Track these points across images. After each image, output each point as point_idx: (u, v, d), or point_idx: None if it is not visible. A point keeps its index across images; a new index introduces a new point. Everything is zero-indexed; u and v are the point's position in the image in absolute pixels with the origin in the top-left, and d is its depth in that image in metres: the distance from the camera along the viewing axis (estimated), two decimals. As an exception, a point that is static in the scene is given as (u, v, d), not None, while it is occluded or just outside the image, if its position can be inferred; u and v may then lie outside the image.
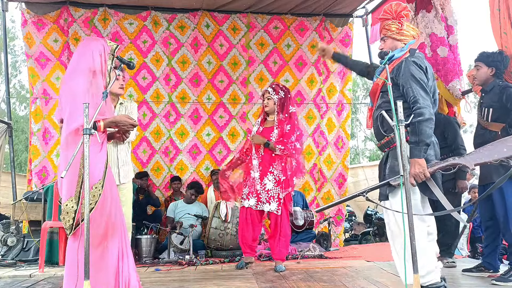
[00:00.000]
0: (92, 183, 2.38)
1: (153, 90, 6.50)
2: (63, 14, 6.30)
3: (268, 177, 4.13)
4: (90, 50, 2.53)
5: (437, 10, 4.70)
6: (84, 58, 2.50)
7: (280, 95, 4.26)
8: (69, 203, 2.43)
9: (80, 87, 2.46)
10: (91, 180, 2.34)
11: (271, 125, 4.26)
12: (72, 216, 2.42)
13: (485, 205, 3.60)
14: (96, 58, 2.50)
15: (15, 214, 5.05)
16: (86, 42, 2.65)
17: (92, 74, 2.50)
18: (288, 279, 3.57)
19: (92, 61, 2.50)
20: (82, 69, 2.48)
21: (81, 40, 2.43)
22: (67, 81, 2.53)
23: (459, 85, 4.64)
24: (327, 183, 6.59)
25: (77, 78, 2.47)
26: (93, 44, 2.57)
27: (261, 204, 4.13)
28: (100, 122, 2.48)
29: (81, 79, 2.48)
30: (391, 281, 3.38)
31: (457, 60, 4.69)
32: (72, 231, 2.44)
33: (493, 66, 3.48)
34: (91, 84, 2.48)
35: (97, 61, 2.50)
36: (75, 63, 2.52)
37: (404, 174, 2.46)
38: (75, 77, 2.47)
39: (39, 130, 6.19)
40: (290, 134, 4.16)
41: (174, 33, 6.53)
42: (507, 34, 3.75)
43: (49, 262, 4.61)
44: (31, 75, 6.25)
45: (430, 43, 4.74)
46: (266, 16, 6.67)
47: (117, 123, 2.59)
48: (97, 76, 2.51)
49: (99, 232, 2.46)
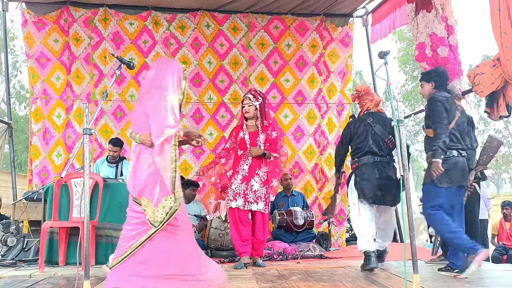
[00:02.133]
0: (177, 185, 2.68)
1: (154, 90, 6.48)
2: (64, 14, 6.30)
3: (255, 178, 4.39)
4: (174, 70, 2.81)
5: (437, 10, 4.69)
6: (167, 76, 2.77)
7: (260, 101, 4.45)
8: (168, 200, 2.63)
9: (171, 102, 2.74)
10: (177, 181, 2.64)
11: (254, 130, 4.48)
12: (167, 211, 2.61)
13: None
14: (176, 76, 2.78)
15: (15, 214, 5.05)
16: (166, 61, 2.93)
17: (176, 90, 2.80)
18: (288, 279, 3.57)
19: (174, 79, 2.78)
20: (165, 86, 2.74)
21: (158, 59, 2.76)
22: (152, 96, 2.76)
23: (459, 85, 4.63)
24: (328, 183, 6.59)
25: (163, 93, 2.73)
26: (173, 64, 2.87)
27: (248, 204, 4.34)
28: (180, 132, 2.76)
29: (172, 95, 2.76)
30: (391, 281, 3.38)
31: (457, 60, 4.69)
32: (161, 225, 2.60)
33: (432, 81, 3.86)
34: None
35: (177, 80, 2.79)
36: (159, 80, 2.76)
37: (404, 174, 2.47)
38: (165, 93, 2.73)
39: (39, 130, 6.19)
40: (277, 140, 4.49)
41: (175, 33, 6.53)
42: (507, 34, 3.75)
43: (49, 262, 4.61)
44: (31, 75, 6.25)
45: (430, 43, 4.73)
46: (267, 16, 6.67)
47: (189, 133, 2.93)
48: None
49: (188, 226, 2.81)
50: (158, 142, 2.62)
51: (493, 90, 4.07)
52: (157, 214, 2.60)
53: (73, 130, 6.28)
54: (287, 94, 6.71)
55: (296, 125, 6.69)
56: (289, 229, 5.59)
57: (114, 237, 4.82)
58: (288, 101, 6.69)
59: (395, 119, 2.54)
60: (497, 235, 6.94)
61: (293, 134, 6.68)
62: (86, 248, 2.28)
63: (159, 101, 2.70)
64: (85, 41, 6.35)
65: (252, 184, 4.37)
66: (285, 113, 6.69)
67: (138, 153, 2.79)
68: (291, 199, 5.98)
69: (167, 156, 2.64)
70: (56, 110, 6.26)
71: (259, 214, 4.40)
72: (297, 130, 6.69)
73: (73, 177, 4.84)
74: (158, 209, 2.62)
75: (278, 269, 4.09)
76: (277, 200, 5.97)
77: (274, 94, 6.69)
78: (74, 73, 6.32)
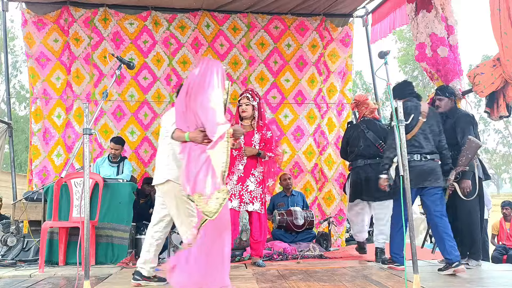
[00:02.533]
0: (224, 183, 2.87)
1: (154, 90, 6.49)
2: (63, 14, 6.30)
3: (250, 178, 4.38)
4: (218, 70, 3.03)
5: (437, 10, 4.69)
6: (212, 76, 2.98)
7: (257, 101, 4.46)
8: (220, 192, 2.81)
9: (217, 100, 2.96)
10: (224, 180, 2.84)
11: (249, 130, 4.46)
12: (220, 203, 2.79)
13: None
14: (220, 77, 2.99)
15: (15, 214, 5.05)
16: (210, 62, 3.10)
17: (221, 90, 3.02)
18: (288, 279, 3.57)
19: (219, 79, 2.99)
20: (213, 85, 2.95)
21: (203, 59, 2.92)
22: (198, 95, 2.95)
23: (459, 85, 4.63)
24: (328, 183, 6.59)
25: (214, 92, 2.93)
26: (217, 65, 3.08)
27: (244, 204, 4.33)
28: (230, 129, 2.93)
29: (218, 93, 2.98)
30: (391, 281, 3.38)
31: (457, 60, 4.69)
32: (215, 215, 2.78)
33: (396, 97, 3.87)
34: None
35: (221, 80, 3.00)
36: (205, 80, 2.95)
37: (404, 174, 2.47)
38: (211, 91, 2.93)
39: (39, 130, 6.19)
40: (272, 140, 4.48)
41: (175, 33, 6.53)
42: (507, 34, 3.75)
43: (49, 262, 4.61)
44: (31, 75, 6.25)
45: (430, 43, 4.73)
46: (267, 16, 6.67)
47: (235, 131, 3.14)
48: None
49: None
50: (214, 138, 2.81)
51: (493, 90, 4.07)
52: (210, 205, 2.75)
53: (73, 130, 6.28)
54: (287, 94, 6.71)
55: (296, 125, 6.69)
56: (289, 229, 5.59)
57: (114, 237, 4.83)
58: (288, 101, 6.69)
59: (395, 119, 2.54)
60: (497, 235, 6.94)
61: (293, 134, 6.68)
62: (86, 248, 2.28)
63: (207, 100, 2.88)
64: (85, 41, 6.35)
65: (247, 184, 4.37)
66: (285, 113, 6.69)
67: (188, 151, 2.95)
68: (291, 199, 5.98)
69: (220, 151, 2.81)
70: (56, 110, 6.26)
71: (255, 215, 4.39)
72: (297, 130, 6.69)
73: (73, 177, 4.85)
74: (211, 201, 2.76)
75: (278, 269, 4.08)
76: (277, 200, 5.97)
77: (274, 94, 6.69)
78: (74, 73, 6.32)
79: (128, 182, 5.16)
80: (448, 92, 4.27)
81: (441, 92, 4.29)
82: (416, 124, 3.83)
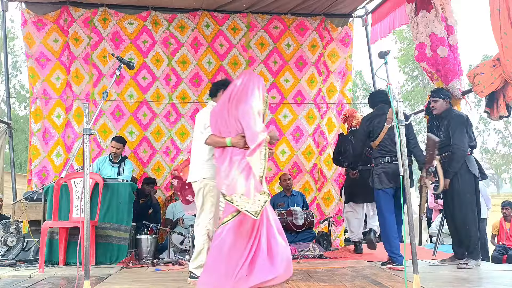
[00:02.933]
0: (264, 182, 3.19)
1: (154, 90, 6.49)
2: (63, 14, 6.30)
3: None
4: (260, 82, 3.40)
5: (437, 10, 4.69)
6: (254, 87, 3.30)
7: None
8: (262, 194, 3.16)
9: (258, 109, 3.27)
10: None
11: None
12: (262, 204, 3.15)
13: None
14: (261, 88, 3.34)
15: (15, 214, 5.05)
16: (252, 74, 3.49)
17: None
18: (288, 279, 3.56)
19: (260, 91, 3.31)
20: (255, 95, 3.27)
21: (245, 72, 3.64)
22: (241, 103, 3.26)
23: (459, 85, 4.64)
24: (327, 183, 6.60)
25: (255, 102, 3.24)
26: (258, 78, 3.45)
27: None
28: (268, 136, 3.19)
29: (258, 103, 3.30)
30: (391, 281, 3.38)
31: (457, 60, 4.69)
32: (258, 215, 3.13)
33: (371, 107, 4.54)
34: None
35: (262, 91, 3.36)
36: (247, 90, 3.27)
37: (404, 174, 2.47)
38: (253, 100, 3.24)
39: (39, 130, 6.19)
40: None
41: (174, 33, 6.53)
42: (507, 34, 3.75)
43: (49, 262, 4.61)
44: (31, 75, 6.25)
45: (430, 43, 4.73)
46: (266, 16, 6.67)
47: (271, 137, 3.32)
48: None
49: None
50: (253, 146, 3.07)
51: (493, 90, 4.07)
52: (253, 207, 3.09)
53: (73, 130, 6.28)
54: (286, 94, 6.71)
55: (296, 125, 6.69)
56: (289, 229, 5.58)
57: (114, 237, 4.83)
58: (288, 101, 6.69)
59: (395, 119, 2.54)
60: (497, 235, 6.94)
61: (292, 134, 6.68)
62: (86, 248, 2.28)
63: (250, 107, 3.16)
64: (85, 41, 6.35)
65: None
66: (284, 113, 6.69)
67: (230, 155, 3.24)
68: (290, 199, 5.98)
69: (259, 157, 3.10)
70: (55, 110, 6.26)
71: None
72: (296, 130, 6.69)
73: (73, 177, 4.85)
74: (254, 203, 3.09)
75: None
76: (277, 200, 5.97)
77: (273, 94, 6.69)
78: (73, 73, 6.32)
79: (128, 182, 5.16)
80: (442, 94, 4.33)
81: (435, 94, 4.35)
82: (382, 130, 4.15)
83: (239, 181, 3.09)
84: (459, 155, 4.00)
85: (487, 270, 4.01)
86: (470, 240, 4.01)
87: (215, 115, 3.46)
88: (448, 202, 4.22)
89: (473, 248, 4.02)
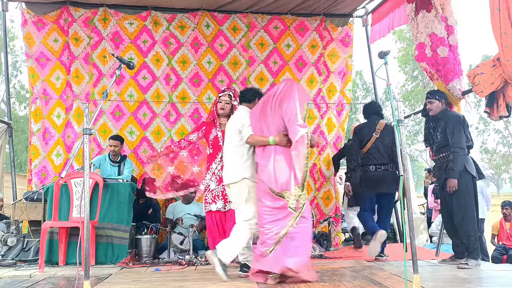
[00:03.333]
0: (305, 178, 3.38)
1: (154, 90, 6.49)
2: (63, 14, 6.29)
3: None
4: (301, 89, 3.78)
5: (437, 10, 4.69)
6: (295, 92, 3.54)
7: (237, 102, 4.37)
8: (300, 188, 3.34)
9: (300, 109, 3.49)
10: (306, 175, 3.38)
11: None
12: (304, 198, 3.38)
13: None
14: (302, 94, 3.61)
15: (15, 214, 5.05)
16: (293, 82, 3.71)
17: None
18: (288, 279, 3.56)
19: (301, 95, 3.57)
20: (297, 98, 3.48)
21: (290, 80, 3.72)
22: (285, 105, 3.52)
23: (459, 85, 4.64)
24: (326, 183, 6.59)
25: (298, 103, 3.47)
26: (298, 85, 3.77)
27: (229, 204, 4.22)
28: (308, 133, 3.38)
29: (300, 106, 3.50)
30: (391, 281, 3.38)
31: (457, 60, 4.69)
32: (301, 211, 3.36)
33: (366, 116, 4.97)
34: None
35: (303, 95, 3.61)
36: (294, 92, 3.52)
37: (404, 174, 2.47)
38: (296, 101, 3.47)
39: (39, 130, 6.19)
40: None
41: (174, 33, 6.52)
42: (507, 34, 3.74)
43: (49, 262, 4.62)
44: (31, 75, 6.25)
45: (430, 43, 4.73)
46: (266, 16, 6.67)
47: (311, 140, 3.47)
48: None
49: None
50: (295, 139, 3.30)
51: (493, 90, 4.07)
52: (295, 202, 3.30)
53: (73, 130, 6.28)
54: (286, 94, 6.69)
55: (296, 125, 6.68)
56: (289, 229, 5.58)
57: (114, 237, 4.83)
58: (288, 101, 6.68)
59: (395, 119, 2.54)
60: (497, 235, 6.94)
61: (293, 134, 6.66)
62: (86, 248, 2.28)
63: (294, 106, 3.41)
64: (85, 41, 6.35)
65: None
66: (285, 113, 6.68)
67: (274, 154, 3.47)
68: (291, 199, 5.97)
69: (301, 152, 3.28)
70: (55, 110, 6.26)
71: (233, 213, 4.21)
72: (296, 130, 6.68)
73: (73, 177, 4.85)
74: (295, 198, 3.30)
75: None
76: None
77: (274, 94, 6.67)
78: (73, 73, 6.32)
79: (128, 182, 5.16)
80: (438, 95, 4.38)
81: (431, 95, 4.40)
82: (369, 140, 4.57)
83: (284, 177, 3.33)
84: (461, 154, 4.02)
85: (487, 270, 4.01)
86: (469, 240, 4.01)
87: (256, 115, 3.71)
88: (447, 202, 4.22)
89: (473, 248, 4.02)
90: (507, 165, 33.11)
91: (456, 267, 3.99)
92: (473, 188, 4.10)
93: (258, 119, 3.67)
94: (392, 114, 2.50)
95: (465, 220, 4.03)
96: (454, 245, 4.31)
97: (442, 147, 4.18)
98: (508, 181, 37.77)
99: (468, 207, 4.04)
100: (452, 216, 4.17)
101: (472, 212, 4.07)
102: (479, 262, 4.06)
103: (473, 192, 4.11)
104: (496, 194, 29.69)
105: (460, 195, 4.04)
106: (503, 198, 11.13)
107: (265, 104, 3.64)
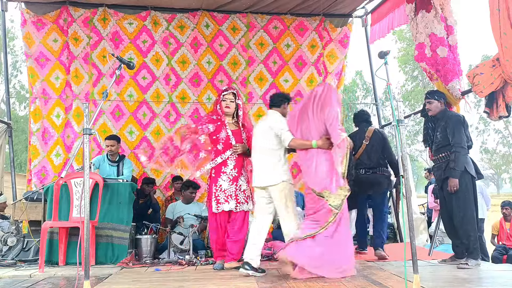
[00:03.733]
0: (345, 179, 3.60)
1: (153, 90, 6.49)
2: (63, 14, 6.30)
3: (241, 178, 4.31)
4: (336, 94, 3.88)
5: (437, 10, 4.69)
6: (334, 98, 3.75)
7: (240, 100, 4.43)
8: (342, 189, 3.55)
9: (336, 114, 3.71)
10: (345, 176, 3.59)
11: (234, 128, 4.38)
12: (342, 198, 3.56)
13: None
14: (339, 100, 3.88)
15: (15, 214, 5.05)
16: (331, 87, 3.91)
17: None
18: (288, 279, 3.56)
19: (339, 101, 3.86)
20: (335, 105, 3.71)
21: (328, 85, 3.99)
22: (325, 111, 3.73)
23: (459, 85, 4.64)
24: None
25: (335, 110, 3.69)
26: (335, 90, 4.01)
27: (240, 205, 4.24)
28: (347, 137, 3.65)
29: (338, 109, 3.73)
30: (391, 281, 3.38)
31: (457, 60, 4.69)
32: (340, 209, 3.55)
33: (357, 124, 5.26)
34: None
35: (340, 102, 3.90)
36: (334, 97, 3.74)
37: (404, 174, 2.47)
38: (337, 106, 3.72)
39: (38, 130, 6.19)
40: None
41: (174, 33, 6.52)
42: (506, 34, 3.75)
43: (49, 262, 4.61)
44: (31, 75, 6.25)
45: (430, 43, 4.73)
46: (266, 16, 6.67)
47: (350, 143, 3.77)
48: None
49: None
50: (337, 142, 3.51)
51: (493, 90, 4.07)
52: (335, 201, 3.49)
53: (72, 129, 6.28)
54: (286, 94, 6.70)
55: (296, 125, 6.68)
56: (289, 229, 5.58)
57: (114, 237, 4.83)
58: (288, 101, 6.68)
59: (395, 119, 2.54)
60: (497, 235, 6.94)
61: (292, 134, 6.66)
62: (86, 248, 2.28)
63: (335, 111, 3.62)
64: (84, 41, 6.35)
65: (240, 184, 4.26)
66: (284, 113, 6.69)
67: (315, 156, 3.67)
68: (291, 199, 5.96)
69: (341, 154, 3.49)
70: (55, 110, 6.26)
71: (242, 214, 4.26)
72: (296, 130, 6.68)
73: (73, 177, 4.85)
74: (336, 197, 3.49)
75: (278, 269, 4.08)
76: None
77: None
78: (73, 72, 6.32)
79: (128, 182, 5.16)
80: (437, 95, 4.37)
81: (430, 95, 4.40)
82: (361, 147, 4.85)
83: (326, 178, 3.54)
84: (463, 154, 4.02)
85: (487, 270, 4.01)
86: (469, 240, 4.01)
87: (295, 119, 3.89)
88: (447, 203, 4.22)
89: (472, 248, 4.02)
90: (507, 165, 33.12)
91: (456, 267, 3.99)
92: (472, 188, 4.10)
93: (297, 122, 3.85)
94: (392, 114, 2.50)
95: (465, 220, 4.03)
96: (454, 245, 4.30)
97: (441, 147, 4.18)
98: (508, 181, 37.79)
99: (467, 207, 4.04)
100: (452, 216, 4.17)
101: (472, 212, 4.07)
102: (479, 262, 4.06)
103: (473, 192, 4.10)
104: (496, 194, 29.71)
105: (459, 195, 4.04)
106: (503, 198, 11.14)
107: (304, 109, 3.83)
